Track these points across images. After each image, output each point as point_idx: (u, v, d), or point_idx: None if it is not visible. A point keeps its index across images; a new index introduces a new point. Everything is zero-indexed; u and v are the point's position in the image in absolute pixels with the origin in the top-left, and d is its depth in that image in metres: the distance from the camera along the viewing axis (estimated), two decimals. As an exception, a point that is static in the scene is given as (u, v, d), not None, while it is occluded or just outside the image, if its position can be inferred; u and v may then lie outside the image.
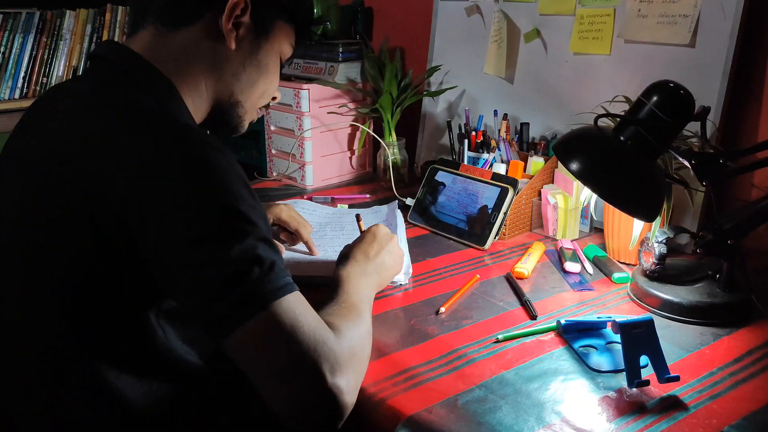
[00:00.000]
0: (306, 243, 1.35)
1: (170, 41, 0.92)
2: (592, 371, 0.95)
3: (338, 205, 1.64)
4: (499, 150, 1.56)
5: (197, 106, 0.96)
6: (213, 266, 0.76)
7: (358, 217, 1.30)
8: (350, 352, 0.81)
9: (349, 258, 1.07)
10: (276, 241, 0.86)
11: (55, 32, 1.89)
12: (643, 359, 0.91)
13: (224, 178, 0.79)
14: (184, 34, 0.92)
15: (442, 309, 1.12)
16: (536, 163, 1.49)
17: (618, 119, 1.07)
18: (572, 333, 1.04)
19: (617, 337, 0.96)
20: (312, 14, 1.12)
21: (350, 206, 1.64)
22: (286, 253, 1.34)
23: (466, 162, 1.57)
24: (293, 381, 0.76)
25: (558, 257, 1.34)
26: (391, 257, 1.14)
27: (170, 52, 0.92)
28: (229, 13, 0.91)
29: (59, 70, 1.92)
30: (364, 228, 1.21)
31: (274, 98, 1.08)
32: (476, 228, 1.41)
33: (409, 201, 1.58)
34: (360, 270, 1.05)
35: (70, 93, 0.94)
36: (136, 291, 0.82)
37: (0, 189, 0.92)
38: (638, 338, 0.91)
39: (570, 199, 1.41)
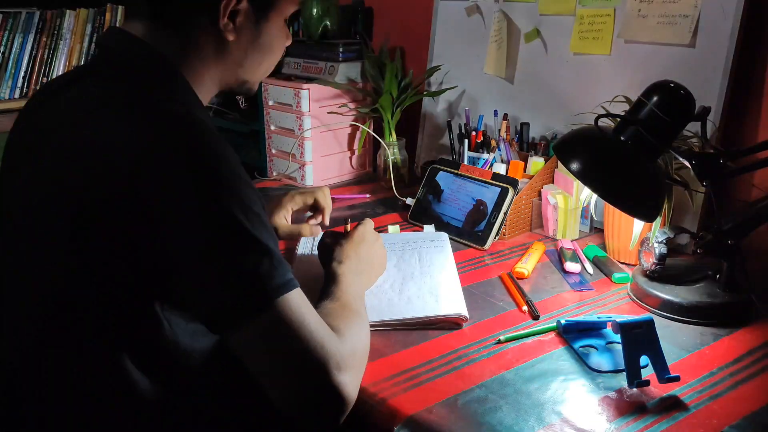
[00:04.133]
0: (324, 211, 1.35)
1: (166, 34, 0.89)
2: (592, 371, 0.95)
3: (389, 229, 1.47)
4: (499, 150, 1.56)
5: (204, 89, 0.94)
6: (220, 260, 0.77)
7: (346, 220, 1.27)
8: (352, 349, 0.83)
9: (341, 255, 1.08)
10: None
11: (55, 32, 1.89)
12: (643, 359, 0.91)
13: (229, 168, 0.79)
14: (178, 31, 0.89)
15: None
16: (536, 163, 1.49)
17: (618, 119, 1.07)
18: (572, 333, 1.04)
19: (617, 337, 0.96)
20: None
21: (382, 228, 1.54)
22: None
23: (466, 162, 1.57)
24: (299, 378, 0.77)
25: (558, 257, 1.34)
26: (378, 258, 1.15)
27: (170, 45, 0.89)
28: (223, 9, 0.88)
29: (59, 70, 1.92)
30: (350, 227, 1.20)
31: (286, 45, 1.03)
32: (476, 228, 1.41)
33: (409, 201, 1.58)
34: (353, 268, 1.06)
35: (76, 84, 0.91)
36: (143, 282, 0.82)
37: (7, 181, 0.93)
38: (638, 338, 0.92)
39: (570, 199, 1.41)
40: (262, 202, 0.83)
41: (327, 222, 1.37)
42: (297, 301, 0.80)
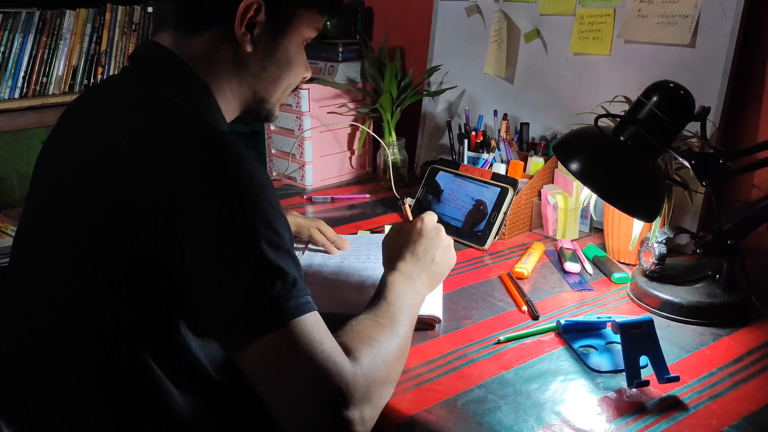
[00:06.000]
0: (324, 246, 1.33)
1: (191, 44, 0.92)
2: (592, 371, 0.95)
3: (359, 231, 1.49)
4: (499, 150, 1.56)
5: (226, 105, 0.96)
6: (237, 276, 0.75)
7: (403, 201, 1.24)
8: (366, 381, 0.79)
9: (396, 260, 1.02)
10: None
11: (55, 32, 1.89)
12: (643, 359, 0.91)
13: (256, 187, 0.78)
14: (201, 39, 0.92)
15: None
16: (536, 163, 1.49)
17: (618, 119, 1.07)
18: (572, 333, 1.03)
19: (617, 337, 0.96)
20: None
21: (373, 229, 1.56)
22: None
23: (466, 162, 1.57)
24: (302, 405, 0.75)
25: (558, 257, 1.34)
26: (441, 252, 1.07)
27: (195, 54, 0.92)
28: (240, 18, 0.89)
29: (59, 70, 1.92)
30: (410, 215, 1.14)
31: (304, 77, 1.05)
32: (476, 228, 1.41)
33: (409, 201, 1.57)
34: (407, 274, 1.00)
35: (108, 91, 0.96)
36: (163, 292, 0.81)
37: (36, 185, 0.95)
38: (638, 338, 0.91)
39: (570, 199, 1.41)
40: (288, 224, 0.82)
41: (334, 252, 1.34)
42: (310, 325, 0.77)
